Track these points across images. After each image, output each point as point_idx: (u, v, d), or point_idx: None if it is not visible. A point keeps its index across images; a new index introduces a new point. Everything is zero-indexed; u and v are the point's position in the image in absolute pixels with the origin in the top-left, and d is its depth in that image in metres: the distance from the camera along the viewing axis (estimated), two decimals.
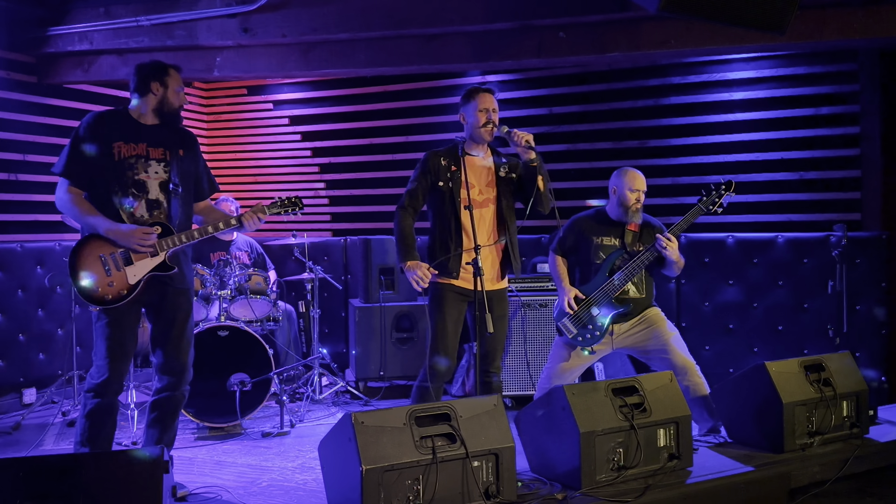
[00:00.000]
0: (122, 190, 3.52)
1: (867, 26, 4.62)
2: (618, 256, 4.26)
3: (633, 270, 4.19)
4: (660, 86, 6.19)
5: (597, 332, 4.21)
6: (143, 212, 3.56)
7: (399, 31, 5.26)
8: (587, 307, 4.24)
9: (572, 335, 4.25)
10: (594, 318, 4.22)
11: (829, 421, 3.96)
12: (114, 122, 3.58)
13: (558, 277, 4.40)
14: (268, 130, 7.59)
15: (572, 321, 4.25)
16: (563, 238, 4.44)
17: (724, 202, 4.23)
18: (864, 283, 5.32)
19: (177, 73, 3.69)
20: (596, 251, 4.31)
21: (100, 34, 5.71)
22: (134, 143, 3.55)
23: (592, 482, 3.36)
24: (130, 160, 3.53)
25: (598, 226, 4.38)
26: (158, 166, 3.60)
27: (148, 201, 3.57)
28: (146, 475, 2.62)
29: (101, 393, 3.52)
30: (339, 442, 3.10)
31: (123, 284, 3.48)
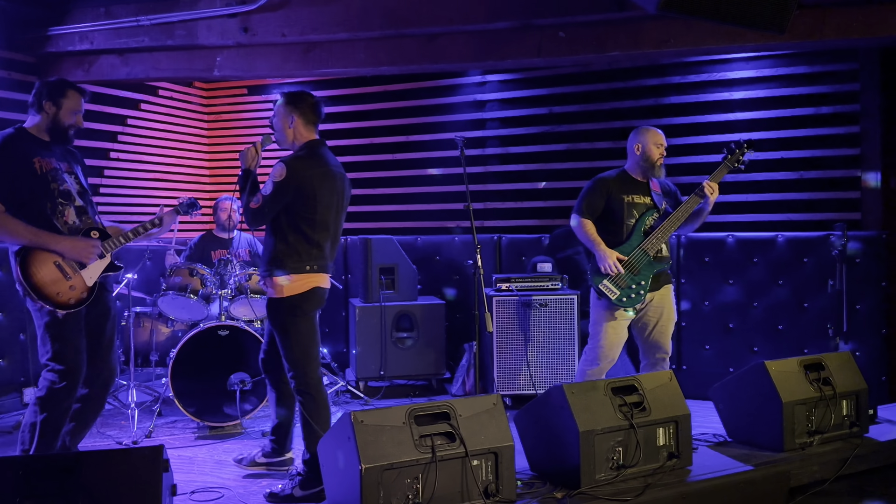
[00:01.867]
0: (51, 201, 3.61)
1: (867, 25, 4.62)
2: (650, 215, 4.25)
3: (669, 226, 4.18)
4: (660, 85, 6.20)
5: (641, 290, 4.19)
6: (75, 218, 3.69)
7: (399, 31, 5.26)
8: (628, 267, 4.20)
9: (615, 296, 4.20)
10: (636, 278, 4.19)
11: (829, 420, 3.96)
12: (23, 140, 3.65)
13: (592, 241, 4.26)
14: (268, 130, 7.57)
15: (613, 282, 4.20)
16: (590, 200, 4.33)
17: (745, 159, 4.28)
18: (863, 283, 5.31)
19: (77, 94, 3.75)
20: (629, 210, 4.27)
21: (100, 34, 5.72)
22: (48, 158, 3.67)
23: (592, 481, 3.35)
24: (51, 173, 3.64)
25: (625, 185, 4.33)
26: (70, 178, 3.75)
27: (76, 208, 3.71)
28: (146, 474, 2.62)
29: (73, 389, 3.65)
30: (338, 441, 3.10)
31: (83, 287, 3.64)
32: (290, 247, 3.73)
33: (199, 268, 5.24)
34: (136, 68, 5.94)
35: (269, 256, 3.77)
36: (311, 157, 3.85)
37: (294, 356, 3.78)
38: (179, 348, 4.90)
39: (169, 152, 7.31)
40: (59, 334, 3.58)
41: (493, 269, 6.30)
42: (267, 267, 3.78)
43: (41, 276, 3.54)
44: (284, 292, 3.74)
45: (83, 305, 3.63)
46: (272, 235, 3.77)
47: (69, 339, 3.59)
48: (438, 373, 6.06)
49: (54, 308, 3.54)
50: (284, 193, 3.69)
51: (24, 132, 3.70)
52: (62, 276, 3.58)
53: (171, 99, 7.33)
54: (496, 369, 5.46)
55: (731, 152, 4.27)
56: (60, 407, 3.59)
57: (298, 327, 3.78)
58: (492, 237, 6.38)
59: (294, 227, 3.74)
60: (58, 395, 3.57)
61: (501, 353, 5.46)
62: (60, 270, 3.58)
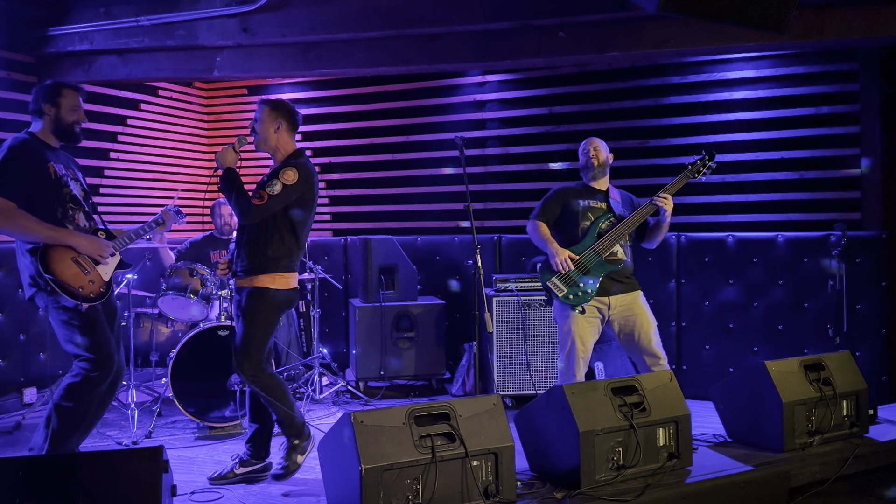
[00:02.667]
0: (62, 205, 3.72)
1: (867, 26, 4.62)
2: (605, 219, 4.31)
3: (623, 229, 4.24)
4: (659, 85, 6.19)
5: (588, 289, 4.22)
6: (84, 221, 3.81)
7: (399, 31, 5.26)
8: (577, 266, 4.25)
9: (562, 294, 4.24)
10: (584, 277, 4.24)
11: (829, 420, 3.97)
12: (38, 144, 3.73)
13: (544, 240, 4.37)
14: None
15: (562, 280, 4.25)
16: (546, 206, 4.47)
17: (706, 170, 4.33)
18: (864, 283, 5.31)
19: (73, 92, 3.81)
20: (584, 213, 4.36)
21: (100, 34, 5.72)
22: (56, 164, 3.76)
23: (592, 481, 3.36)
24: (64, 178, 3.76)
25: (583, 192, 4.45)
26: (74, 184, 3.84)
27: (85, 212, 3.84)
28: (146, 475, 2.62)
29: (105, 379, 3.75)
30: (338, 441, 3.10)
31: (101, 282, 3.75)
32: (284, 247, 3.88)
33: (199, 268, 5.24)
34: (135, 68, 5.94)
35: (260, 253, 3.85)
36: (308, 164, 4.03)
37: (258, 343, 3.85)
38: (179, 348, 4.90)
39: (169, 152, 7.31)
40: (85, 325, 3.66)
41: (493, 270, 6.30)
42: (256, 262, 3.85)
43: (62, 271, 3.61)
44: (275, 284, 3.87)
45: (102, 300, 3.72)
46: (264, 233, 3.86)
47: (97, 329, 3.69)
48: (438, 373, 6.06)
49: (79, 301, 3.61)
50: (290, 196, 3.85)
51: (36, 137, 3.77)
52: (81, 270, 3.67)
53: (171, 99, 7.33)
54: (496, 369, 5.46)
55: (693, 163, 4.34)
56: (91, 395, 3.67)
57: (272, 318, 3.91)
58: (491, 237, 6.38)
59: (290, 229, 3.90)
60: (91, 382, 3.66)
61: (501, 354, 5.46)
62: (79, 265, 3.67)
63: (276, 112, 3.98)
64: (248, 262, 3.86)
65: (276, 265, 3.86)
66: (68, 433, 3.64)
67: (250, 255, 3.87)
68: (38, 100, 3.77)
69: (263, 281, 3.85)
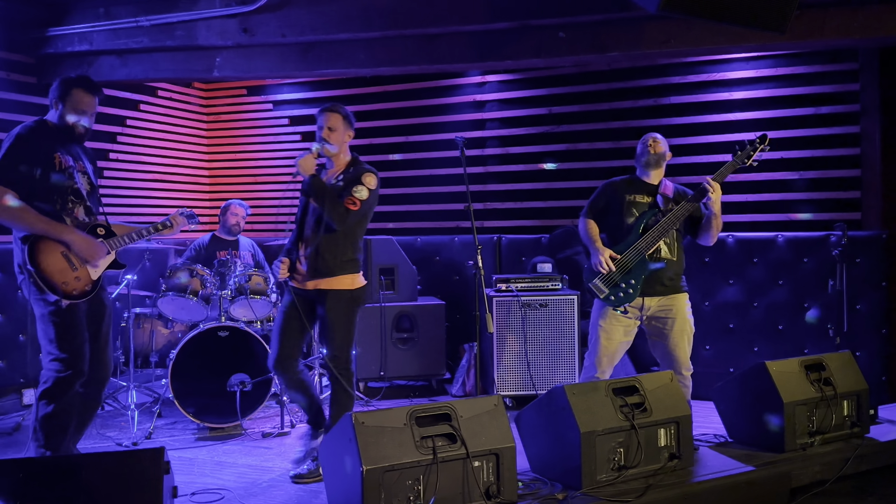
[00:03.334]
0: (62, 197, 3.65)
1: (867, 25, 4.61)
2: (651, 215, 4.17)
3: (667, 225, 4.08)
4: (659, 85, 6.19)
5: (630, 290, 4.11)
6: (83, 216, 3.74)
7: (399, 31, 5.26)
8: (620, 266, 4.15)
9: (604, 295, 4.16)
10: (626, 277, 4.13)
11: (830, 420, 3.96)
12: (49, 133, 3.68)
13: (590, 239, 4.30)
14: (268, 131, 7.58)
15: (604, 281, 4.17)
16: (595, 200, 4.38)
17: (757, 157, 4.16)
18: (864, 283, 5.31)
19: (85, 95, 3.73)
20: (628, 209, 4.22)
21: (99, 35, 5.71)
22: (67, 154, 3.70)
23: (593, 482, 3.35)
24: (69, 170, 3.68)
25: (630, 185, 4.31)
26: (83, 177, 3.78)
27: (86, 207, 3.76)
28: (146, 476, 2.61)
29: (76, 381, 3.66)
30: (339, 442, 3.10)
31: (87, 279, 3.67)
32: (358, 249, 4.16)
33: (199, 268, 5.24)
34: (135, 69, 5.93)
35: (342, 255, 4.05)
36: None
37: (347, 340, 4.09)
38: (179, 349, 4.89)
39: (168, 153, 7.31)
40: (61, 323, 3.59)
41: (493, 270, 6.30)
42: (339, 263, 4.04)
43: (48, 264, 3.56)
44: (356, 284, 4.10)
45: (86, 297, 3.66)
46: (346, 236, 4.05)
47: (72, 327, 3.62)
48: (438, 373, 6.05)
49: (59, 297, 3.56)
50: (375, 199, 4.12)
51: (46, 126, 3.71)
52: (69, 266, 3.60)
53: (171, 100, 7.32)
54: (496, 370, 5.46)
55: (742, 148, 4.16)
56: (66, 396, 3.60)
57: (355, 316, 4.14)
58: (491, 237, 6.38)
59: (362, 232, 4.21)
60: (63, 383, 3.58)
61: (501, 354, 5.46)
62: (67, 260, 3.60)
63: (348, 120, 4.16)
64: (331, 263, 4.02)
65: (355, 266, 4.11)
66: (56, 444, 3.59)
67: (332, 257, 4.03)
68: (52, 90, 3.73)
69: (347, 282, 4.06)
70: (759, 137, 4.17)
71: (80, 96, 3.71)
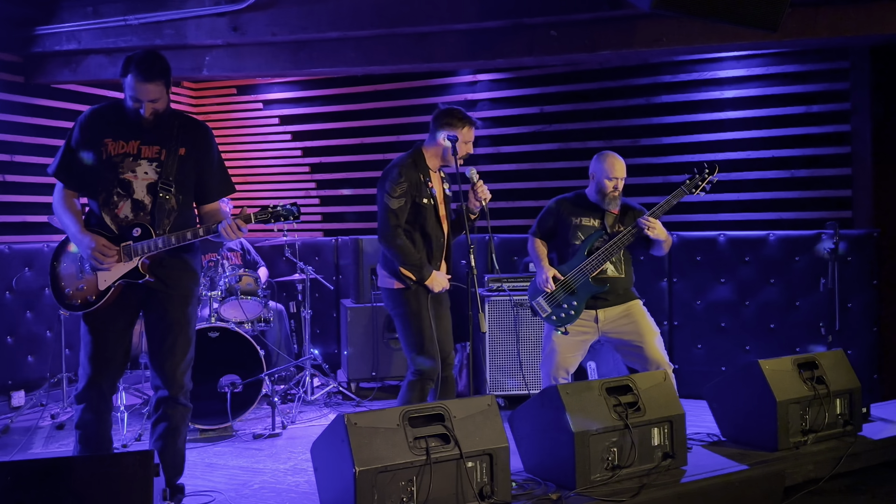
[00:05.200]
0: (106, 190, 3.30)
1: (859, 23, 4.62)
2: (597, 237, 4.20)
3: (611, 250, 4.11)
4: (651, 84, 6.19)
5: (571, 311, 4.15)
6: (128, 212, 3.31)
7: (390, 30, 5.23)
8: (563, 286, 4.18)
9: (546, 314, 4.21)
10: (569, 298, 4.17)
11: (823, 419, 3.96)
12: (108, 117, 3.35)
13: (537, 258, 4.36)
14: (258, 130, 7.54)
15: (546, 300, 4.21)
16: (542, 220, 4.41)
17: (707, 186, 4.19)
18: (855, 281, 5.32)
19: (138, 81, 3.19)
20: (575, 232, 4.25)
21: (87, 33, 5.66)
22: (124, 141, 3.30)
23: (587, 482, 3.34)
24: (117, 159, 3.28)
25: (577, 207, 4.32)
26: (150, 166, 3.31)
27: (133, 202, 3.31)
28: (136, 479, 2.58)
29: (83, 399, 3.33)
30: (331, 443, 3.07)
31: (92, 290, 3.30)
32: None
33: None
34: None
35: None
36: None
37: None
38: None
39: None
40: (84, 330, 3.33)
41: (485, 270, 6.27)
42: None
43: (63, 268, 3.36)
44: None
45: (90, 308, 3.29)
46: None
47: (87, 338, 3.32)
48: None
49: (59, 305, 3.36)
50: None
51: (113, 108, 3.37)
52: (77, 272, 3.33)
53: None
54: (488, 370, 5.44)
55: (692, 176, 4.19)
56: (77, 407, 3.34)
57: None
58: (483, 237, 6.36)
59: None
60: (76, 393, 3.35)
61: (494, 354, 5.44)
62: (79, 266, 3.33)
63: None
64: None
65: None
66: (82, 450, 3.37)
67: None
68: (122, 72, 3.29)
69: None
70: (709, 167, 4.20)
71: (132, 82, 3.21)
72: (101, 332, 3.33)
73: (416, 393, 3.93)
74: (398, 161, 4.04)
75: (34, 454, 4.58)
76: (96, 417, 3.35)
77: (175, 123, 3.39)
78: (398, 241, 3.91)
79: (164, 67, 3.28)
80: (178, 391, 3.44)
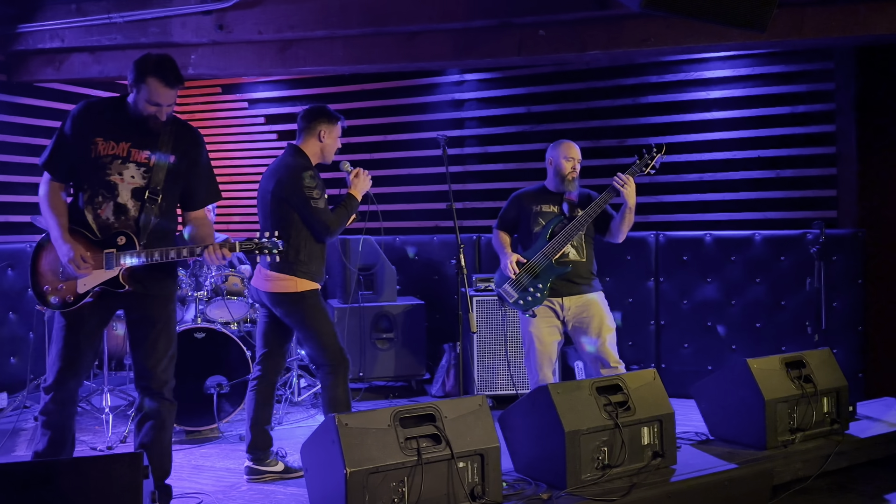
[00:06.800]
0: (91, 189, 3.24)
1: (845, 25, 4.65)
2: (557, 222, 4.29)
3: (572, 231, 4.19)
4: (638, 84, 6.21)
5: (537, 293, 4.23)
6: (110, 214, 3.25)
7: (378, 29, 5.22)
8: (528, 270, 4.25)
9: (513, 299, 4.28)
10: (534, 281, 4.24)
11: (811, 417, 3.99)
12: (103, 114, 3.30)
13: (500, 246, 4.45)
14: (243, 129, 7.50)
15: (512, 285, 4.27)
16: (505, 212, 4.52)
17: (656, 164, 4.29)
18: (840, 280, 5.35)
19: (161, 86, 3.20)
20: (535, 219, 4.35)
21: (71, 31, 5.60)
22: (115, 142, 3.25)
23: (577, 481, 3.34)
24: (105, 159, 3.23)
25: (537, 197, 4.43)
26: (138, 171, 3.27)
27: (116, 205, 3.25)
28: (125, 481, 2.55)
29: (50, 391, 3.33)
30: (322, 444, 3.05)
31: (71, 291, 3.25)
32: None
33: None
34: (108, 66, 5.82)
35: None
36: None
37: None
38: None
39: None
40: (59, 325, 3.30)
41: (474, 269, 6.27)
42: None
43: (44, 263, 3.31)
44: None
45: (66, 309, 3.26)
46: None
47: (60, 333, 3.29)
48: (418, 374, 6.01)
49: (38, 302, 3.32)
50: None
51: (112, 106, 3.32)
52: (58, 271, 3.27)
53: None
54: (476, 370, 5.43)
55: (640, 157, 4.30)
56: (44, 397, 3.33)
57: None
58: (471, 237, 6.35)
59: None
60: (44, 385, 3.35)
61: (482, 354, 5.44)
62: (60, 267, 3.27)
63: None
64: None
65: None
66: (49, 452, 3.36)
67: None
68: (130, 70, 3.26)
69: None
70: (657, 147, 4.31)
71: (155, 87, 3.19)
72: (74, 331, 3.31)
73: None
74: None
75: (17, 457, 4.52)
76: (59, 408, 3.36)
77: (169, 129, 3.37)
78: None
79: (181, 74, 3.33)
80: (162, 386, 3.45)
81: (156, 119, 3.28)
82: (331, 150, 4.15)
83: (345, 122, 4.19)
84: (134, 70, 3.24)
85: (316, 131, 4.09)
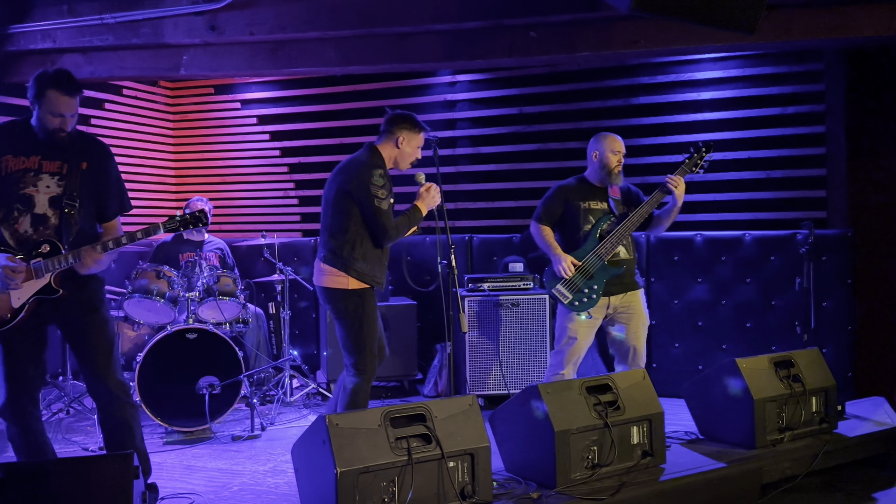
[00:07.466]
0: (6, 206, 3.29)
1: (834, 26, 4.68)
2: (606, 220, 4.28)
3: (625, 231, 4.21)
4: (629, 86, 6.24)
5: (593, 294, 4.24)
6: (28, 227, 3.29)
7: (369, 30, 5.22)
8: (581, 272, 4.24)
9: (567, 300, 4.26)
10: (588, 282, 4.24)
11: (800, 416, 4.01)
12: (10, 134, 3.37)
13: (548, 245, 4.37)
14: (235, 130, 7.50)
15: (566, 286, 4.25)
16: (548, 207, 4.42)
17: (704, 163, 4.31)
18: (829, 280, 5.39)
19: (61, 95, 3.25)
20: (585, 216, 4.32)
21: (63, 32, 5.59)
22: (25, 157, 3.32)
23: (567, 481, 3.36)
24: (17, 174, 3.29)
25: (583, 192, 4.39)
26: (52, 180, 3.32)
27: (34, 216, 3.29)
28: (117, 482, 2.56)
29: (4, 416, 3.36)
30: (312, 444, 3.06)
31: (6, 308, 3.26)
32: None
33: (166, 269, 5.15)
34: (100, 67, 5.82)
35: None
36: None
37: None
38: (146, 352, 4.81)
39: (134, 152, 7.19)
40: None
41: (465, 270, 6.29)
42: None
43: None
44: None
45: (5, 327, 3.26)
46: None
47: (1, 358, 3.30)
48: (410, 374, 6.02)
49: None
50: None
51: (15, 126, 3.39)
52: None
53: (136, 98, 7.21)
54: (468, 370, 5.45)
55: (690, 156, 4.31)
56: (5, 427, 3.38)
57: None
58: (463, 237, 6.37)
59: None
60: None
61: (474, 354, 5.45)
62: None
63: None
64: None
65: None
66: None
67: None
68: (28, 88, 3.32)
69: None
70: (704, 145, 4.33)
71: (54, 97, 3.25)
72: (13, 351, 3.34)
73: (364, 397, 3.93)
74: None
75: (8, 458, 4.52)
76: (22, 430, 3.40)
77: (77, 140, 3.44)
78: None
79: (78, 83, 3.35)
80: (117, 388, 3.46)
81: (62, 132, 3.33)
82: (407, 158, 4.08)
83: (430, 133, 4.10)
84: (34, 86, 3.30)
85: (395, 136, 4.04)
